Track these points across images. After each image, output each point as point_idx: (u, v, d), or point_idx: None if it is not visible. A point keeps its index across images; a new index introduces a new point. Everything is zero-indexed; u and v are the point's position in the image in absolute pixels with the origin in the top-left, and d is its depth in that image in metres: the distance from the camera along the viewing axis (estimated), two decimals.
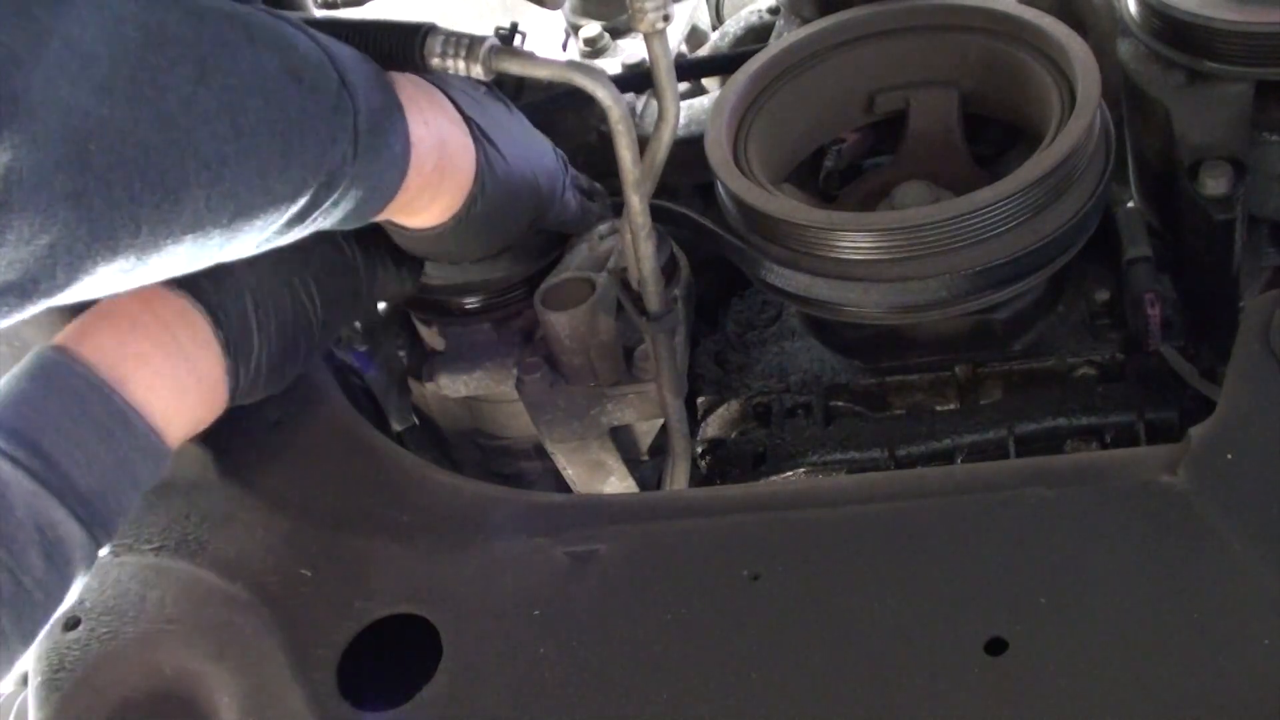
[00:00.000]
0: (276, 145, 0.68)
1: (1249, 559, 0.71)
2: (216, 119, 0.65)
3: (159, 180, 0.62)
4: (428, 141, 0.83)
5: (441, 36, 0.84)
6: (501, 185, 0.92)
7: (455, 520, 0.88)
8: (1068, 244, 1.00)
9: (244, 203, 0.68)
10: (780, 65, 1.15)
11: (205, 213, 0.66)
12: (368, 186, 0.78)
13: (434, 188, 0.87)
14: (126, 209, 0.61)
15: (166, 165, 0.62)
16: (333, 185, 0.74)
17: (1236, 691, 0.66)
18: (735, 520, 0.83)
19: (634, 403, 1.04)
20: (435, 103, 0.87)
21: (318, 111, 0.72)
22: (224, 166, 0.65)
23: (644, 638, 0.77)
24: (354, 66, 0.76)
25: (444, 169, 0.86)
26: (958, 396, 1.11)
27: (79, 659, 0.86)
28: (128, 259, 0.63)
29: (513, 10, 1.54)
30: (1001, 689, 0.69)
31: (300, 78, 0.71)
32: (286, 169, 0.70)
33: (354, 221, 0.81)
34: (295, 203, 0.72)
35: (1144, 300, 1.02)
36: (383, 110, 0.78)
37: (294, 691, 0.80)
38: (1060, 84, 1.04)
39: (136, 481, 0.78)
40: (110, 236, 0.61)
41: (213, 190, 0.65)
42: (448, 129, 0.87)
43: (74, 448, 0.73)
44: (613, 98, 0.86)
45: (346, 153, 0.74)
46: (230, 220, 0.68)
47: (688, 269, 1.09)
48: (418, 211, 0.89)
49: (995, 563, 0.75)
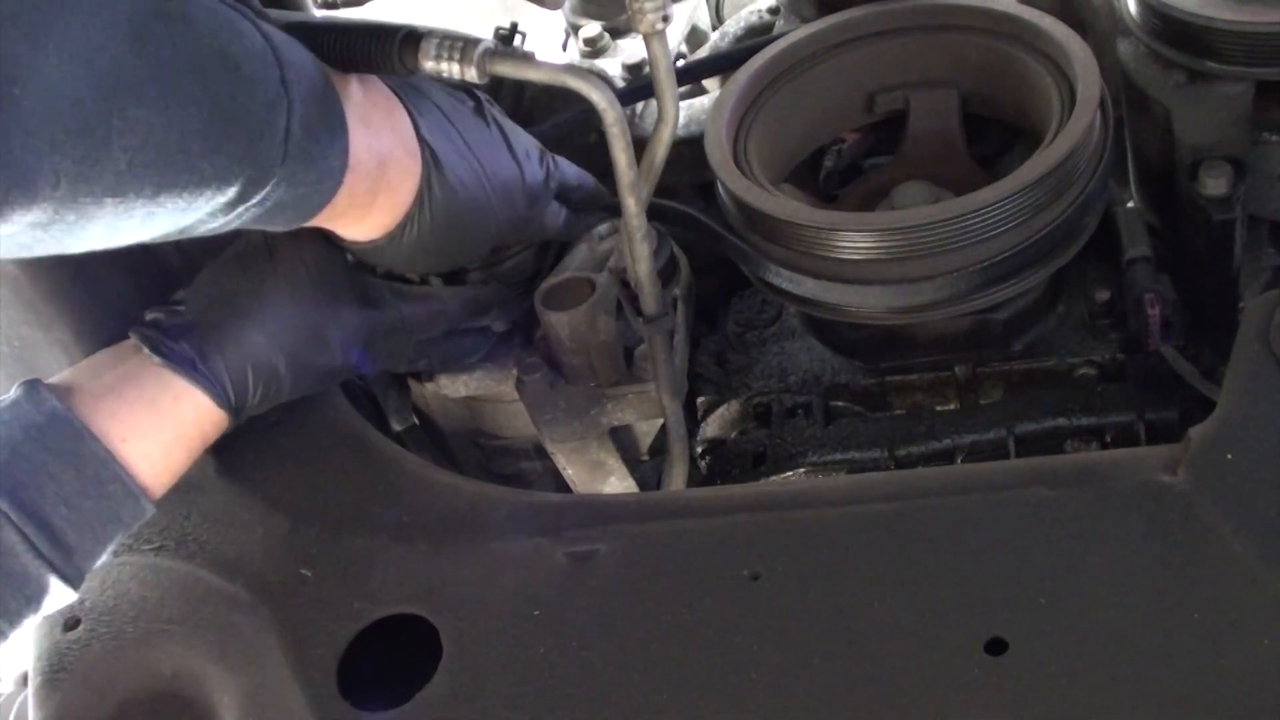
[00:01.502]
0: (201, 126, 0.68)
1: (1249, 559, 0.71)
2: (146, 87, 0.65)
3: (82, 133, 0.62)
4: (366, 163, 0.83)
5: (435, 40, 0.83)
6: (448, 211, 0.91)
7: (455, 520, 0.88)
8: (1067, 243, 1.00)
9: (168, 178, 0.68)
10: (780, 65, 1.15)
11: (128, 178, 0.66)
12: (297, 193, 0.78)
13: (363, 206, 0.86)
14: (47, 159, 0.61)
15: (91, 122, 0.63)
16: (261, 181, 0.74)
17: (1236, 691, 0.66)
18: (735, 520, 0.83)
19: (634, 403, 1.04)
20: (389, 124, 0.86)
21: (250, 104, 0.71)
22: (149, 134, 0.65)
23: (644, 638, 0.77)
24: (301, 70, 0.76)
25: (377, 190, 0.86)
26: (958, 396, 1.11)
27: (79, 659, 0.86)
28: (45, 211, 0.63)
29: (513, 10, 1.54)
30: (1001, 689, 0.69)
31: (237, 65, 0.71)
32: (213, 153, 0.70)
33: (283, 224, 0.81)
34: (223, 191, 0.72)
35: (1144, 300, 1.02)
36: (321, 119, 0.77)
37: (294, 691, 0.80)
38: (1060, 84, 1.04)
39: (116, 538, 0.79)
40: (28, 183, 0.61)
41: (135, 157, 0.65)
42: (393, 151, 0.86)
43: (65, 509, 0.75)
44: (607, 101, 0.86)
45: (277, 153, 0.74)
46: (154, 194, 0.68)
47: (688, 269, 1.09)
48: (346, 226, 0.88)
49: (995, 563, 0.75)
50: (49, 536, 0.73)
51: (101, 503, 0.77)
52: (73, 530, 0.75)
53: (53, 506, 0.74)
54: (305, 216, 0.81)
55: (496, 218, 0.97)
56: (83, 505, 0.76)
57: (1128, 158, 1.12)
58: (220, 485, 0.94)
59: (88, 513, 0.76)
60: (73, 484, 0.76)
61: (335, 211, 0.83)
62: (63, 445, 0.76)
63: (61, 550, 0.74)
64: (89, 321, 0.94)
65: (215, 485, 0.94)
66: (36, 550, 0.73)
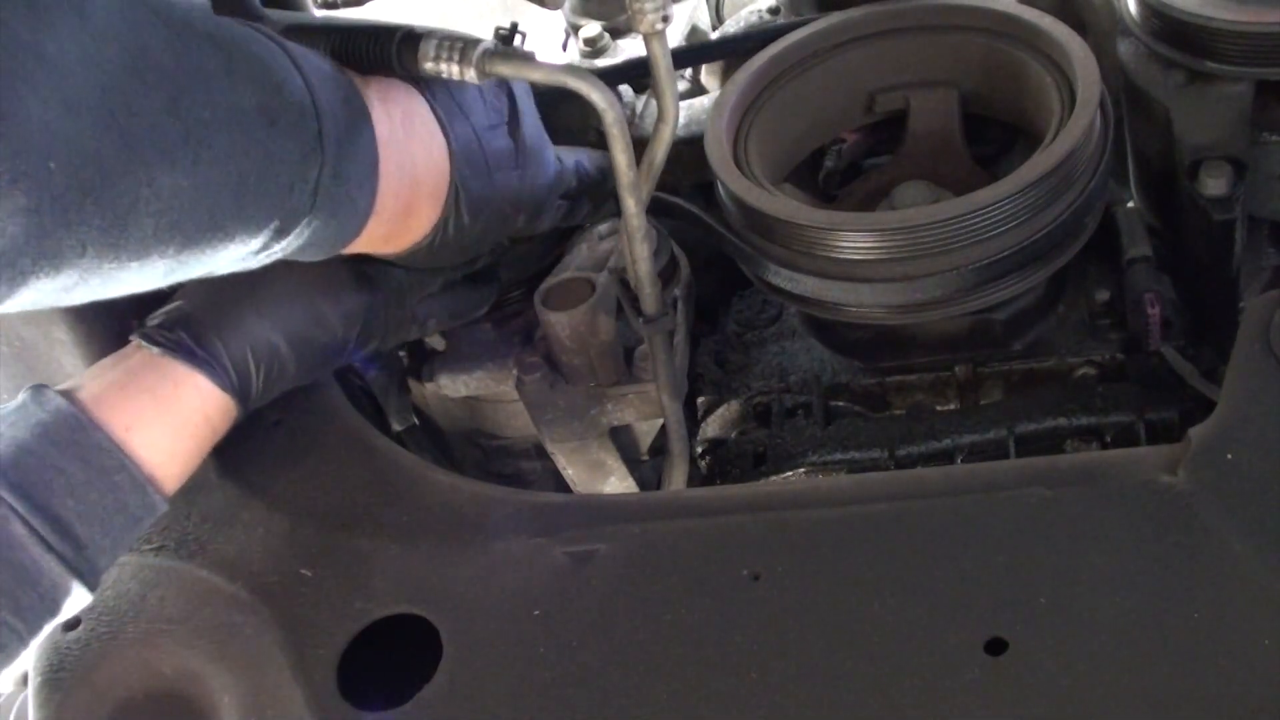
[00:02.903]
0: (232, 183, 0.67)
1: (1249, 559, 0.71)
2: (179, 150, 0.63)
3: (110, 204, 0.61)
4: (395, 190, 0.82)
5: (435, 40, 0.83)
6: (468, 221, 0.91)
7: (455, 520, 0.88)
8: (1067, 243, 1.00)
9: (192, 237, 0.67)
10: (780, 65, 1.15)
11: (152, 241, 0.64)
12: (324, 235, 0.77)
13: (393, 227, 0.86)
14: (76, 230, 0.60)
15: (120, 190, 0.61)
16: (286, 231, 0.73)
17: (1236, 691, 0.66)
18: (735, 520, 0.83)
19: (634, 403, 1.04)
20: (420, 142, 0.85)
21: (283, 159, 0.70)
22: (175, 198, 0.64)
23: (644, 638, 0.77)
24: (337, 116, 0.75)
25: (408, 212, 0.86)
26: (958, 396, 1.11)
27: (79, 659, 0.86)
28: (70, 277, 0.62)
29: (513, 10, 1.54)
30: (1001, 689, 0.69)
31: (274, 121, 0.69)
32: (240, 210, 0.69)
33: (311, 257, 0.80)
34: (247, 243, 0.71)
35: (1144, 300, 1.02)
36: (355, 166, 0.77)
37: (294, 691, 0.80)
38: (1060, 84, 1.04)
39: (129, 532, 0.79)
40: (56, 255, 0.60)
41: (160, 221, 0.64)
42: (425, 172, 0.86)
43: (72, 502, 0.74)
44: (607, 101, 0.86)
45: (305, 203, 0.73)
46: (178, 252, 0.67)
47: (688, 269, 1.09)
48: (375, 247, 0.88)
49: (995, 563, 0.75)
50: (59, 530, 0.73)
51: (108, 494, 0.76)
52: (81, 522, 0.74)
53: (60, 499, 0.74)
54: (332, 251, 0.81)
55: (514, 220, 0.97)
56: (89, 496, 0.75)
57: (1128, 158, 1.12)
58: (220, 485, 0.94)
59: (94, 504, 0.75)
60: (79, 475, 0.75)
61: (363, 243, 0.83)
62: (67, 437, 0.76)
63: (72, 543, 0.74)
64: (89, 322, 0.94)
65: (215, 485, 0.94)
66: (46, 544, 0.72)
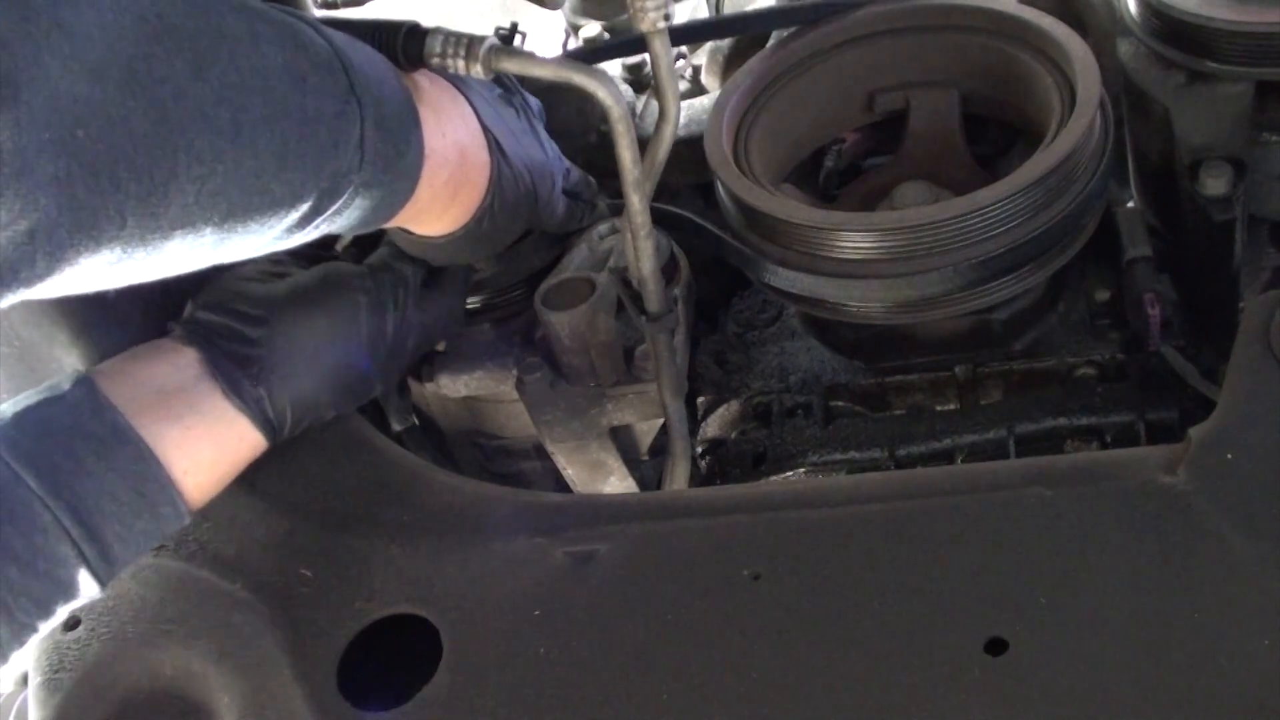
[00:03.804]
0: (274, 146, 0.67)
1: (1249, 559, 0.71)
2: (213, 114, 0.63)
3: (147, 171, 0.60)
4: (443, 153, 0.82)
5: (441, 36, 0.83)
6: (510, 197, 0.92)
7: (455, 520, 0.88)
8: (1067, 243, 1.00)
9: (237, 203, 0.66)
10: (780, 65, 1.15)
11: (195, 209, 0.64)
12: (376, 195, 0.76)
13: (446, 199, 0.86)
14: (111, 198, 0.59)
15: (156, 157, 0.61)
16: (336, 192, 0.73)
17: (1236, 691, 0.66)
18: (735, 520, 0.83)
19: (634, 403, 1.04)
20: (458, 112, 0.85)
21: (320, 116, 0.70)
22: (217, 163, 0.64)
23: (644, 638, 0.77)
24: (368, 72, 0.74)
25: (458, 181, 0.85)
26: (958, 396, 1.11)
27: (79, 659, 0.86)
28: (113, 251, 0.61)
29: (513, 10, 1.54)
30: (1001, 689, 0.69)
31: (304, 78, 0.69)
32: (284, 171, 0.68)
33: (361, 228, 0.80)
34: (296, 208, 0.71)
35: (1144, 300, 1.02)
36: (396, 119, 0.76)
37: (294, 691, 0.80)
38: (1060, 84, 1.04)
39: (152, 545, 0.80)
40: (93, 226, 0.59)
41: (203, 187, 0.63)
42: (467, 141, 0.85)
43: (118, 527, 0.74)
44: (613, 97, 0.86)
45: (352, 160, 0.72)
46: (223, 219, 0.66)
47: (688, 269, 1.09)
48: (428, 222, 0.88)
49: (995, 563, 0.75)
50: (85, 528, 0.72)
51: (153, 524, 0.77)
52: (106, 521, 0.74)
53: (109, 525, 0.74)
54: (385, 218, 0.80)
55: (537, 199, 0.97)
56: (120, 496, 0.75)
57: (1128, 158, 1.12)
58: None
59: (124, 505, 0.75)
60: (131, 504, 0.75)
61: (418, 208, 0.82)
62: (128, 468, 0.75)
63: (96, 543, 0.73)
64: (89, 322, 0.94)
65: None
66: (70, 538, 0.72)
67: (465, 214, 0.89)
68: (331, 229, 0.77)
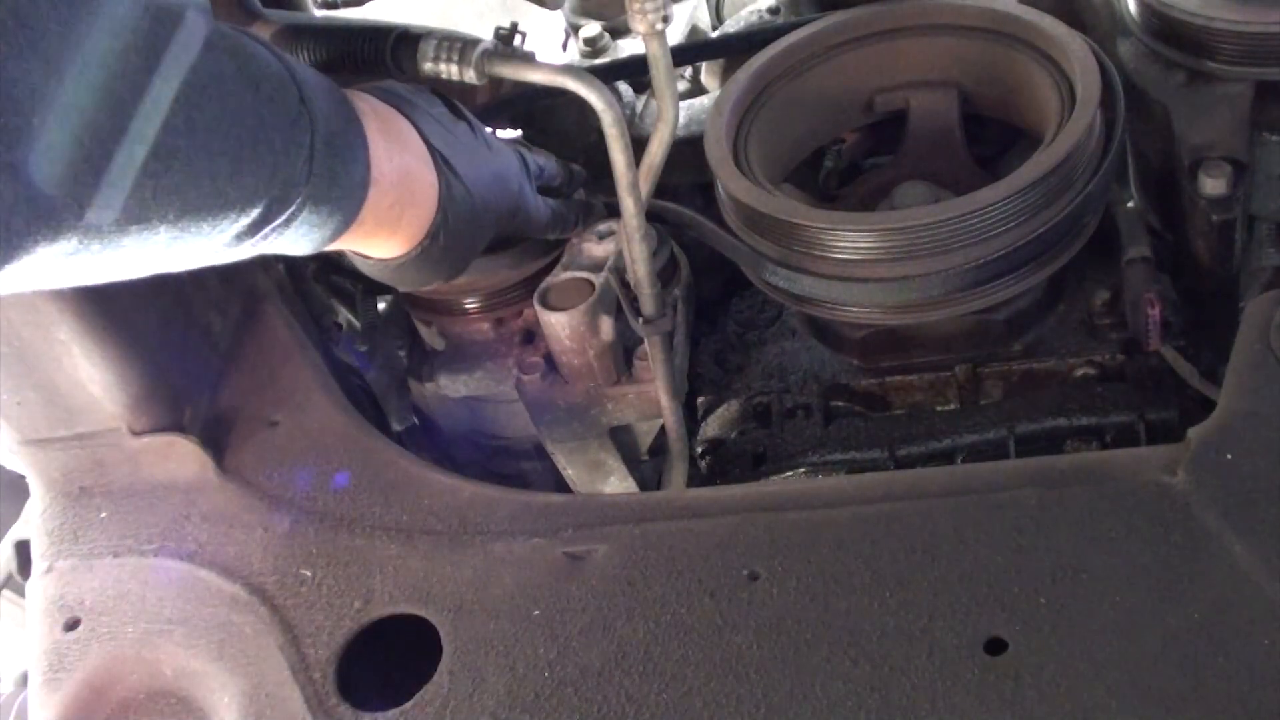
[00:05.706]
0: (229, 148, 0.68)
1: (1249, 559, 0.71)
2: (169, 111, 0.65)
3: (104, 162, 0.62)
4: (389, 176, 0.83)
5: (434, 41, 0.83)
6: (463, 214, 0.91)
7: (455, 520, 0.88)
8: (1067, 243, 1.00)
9: (192, 202, 0.68)
10: (780, 65, 1.15)
11: (151, 204, 0.65)
12: (323, 210, 0.77)
13: (393, 221, 0.86)
14: (70, 189, 0.60)
15: (115, 149, 0.62)
16: (286, 200, 0.74)
17: (1236, 691, 0.66)
18: (735, 520, 0.83)
19: (634, 403, 1.04)
20: (400, 135, 0.86)
21: (274, 122, 0.72)
22: (173, 159, 0.65)
23: (644, 638, 0.77)
24: (316, 88, 0.76)
25: (404, 203, 0.86)
26: (958, 396, 1.11)
27: (79, 659, 0.86)
28: (69, 241, 0.62)
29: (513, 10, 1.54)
30: (1001, 689, 0.69)
31: (258, 86, 0.71)
32: (238, 174, 0.70)
33: (309, 246, 0.80)
34: (247, 213, 0.72)
35: (1144, 300, 1.02)
36: (343, 135, 0.78)
37: (294, 691, 0.80)
38: (1060, 84, 1.04)
39: None
40: (51, 215, 0.60)
41: (160, 182, 0.65)
42: (411, 163, 0.86)
43: None
44: (606, 102, 0.86)
45: (301, 170, 0.74)
46: (177, 218, 0.67)
47: (688, 270, 1.09)
48: (379, 244, 0.88)
49: (995, 563, 0.75)
50: None
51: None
52: None
53: None
54: (332, 237, 0.81)
55: (499, 212, 0.97)
56: None
57: (1128, 158, 1.12)
58: (220, 485, 0.94)
59: None
60: None
61: (364, 230, 0.83)
62: None
63: None
64: (90, 323, 0.94)
65: (215, 485, 0.94)
66: None
67: (417, 233, 0.89)
68: (280, 245, 0.77)
